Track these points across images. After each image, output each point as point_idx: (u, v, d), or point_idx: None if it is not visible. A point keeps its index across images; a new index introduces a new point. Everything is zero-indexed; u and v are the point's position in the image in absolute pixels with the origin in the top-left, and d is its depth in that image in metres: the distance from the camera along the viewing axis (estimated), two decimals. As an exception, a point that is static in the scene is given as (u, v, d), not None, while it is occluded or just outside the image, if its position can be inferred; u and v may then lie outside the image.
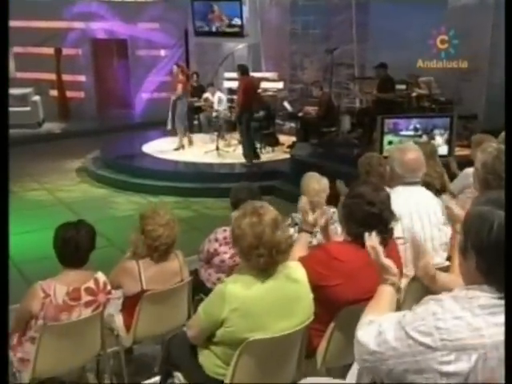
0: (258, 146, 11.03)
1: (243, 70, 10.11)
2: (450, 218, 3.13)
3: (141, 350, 4.42)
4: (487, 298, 1.66)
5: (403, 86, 10.85)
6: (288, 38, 13.58)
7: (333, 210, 4.43)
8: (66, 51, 15.46)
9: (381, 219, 2.88)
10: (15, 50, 15.18)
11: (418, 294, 2.64)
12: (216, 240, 4.30)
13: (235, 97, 11.35)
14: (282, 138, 11.87)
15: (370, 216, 2.85)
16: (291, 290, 2.78)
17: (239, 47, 14.55)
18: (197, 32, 14.16)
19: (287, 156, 10.63)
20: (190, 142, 11.88)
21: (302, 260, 2.98)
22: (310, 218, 3.30)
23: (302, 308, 2.84)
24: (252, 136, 10.45)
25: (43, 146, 13.03)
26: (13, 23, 13.07)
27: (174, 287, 3.88)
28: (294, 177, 9.32)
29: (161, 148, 11.69)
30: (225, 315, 2.66)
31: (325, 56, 11.95)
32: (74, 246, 3.40)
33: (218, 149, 11.06)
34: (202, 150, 11.25)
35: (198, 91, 12.89)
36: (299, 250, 3.15)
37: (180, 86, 11.33)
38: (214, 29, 13.88)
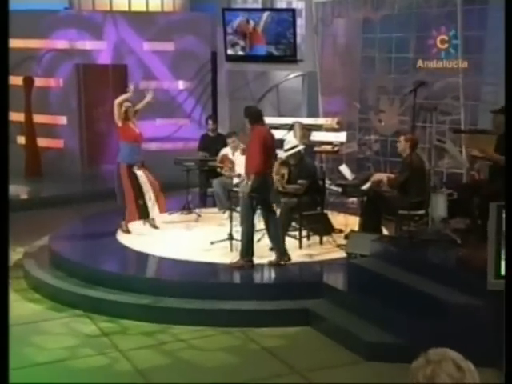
0: (296, 235, 9.38)
1: (256, 116, 8.89)
2: None
3: None
4: None
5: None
6: (358, 65, 12.80)
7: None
8: (39, 81, 14.98)
9: None
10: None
11: None
12: None
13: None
14: (341, 220, 10.17)
15: None
16: None
17: (290, 77, 14.06)
18: (229, 56, 13.52)
19: (343, 255, 8.95)
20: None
21: None
22: None
23: None
24: (277, 222, 9.03)
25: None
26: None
27: None
28: (346, 295, 8.26)
29: (148, 231, 10.26)
30: None
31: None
32: None
33: (231, 238, 9.22)
34: (208, 239, 9.53)
35: (217, 144, 11.48)
36: None
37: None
38: (253, 51, 13.31)
